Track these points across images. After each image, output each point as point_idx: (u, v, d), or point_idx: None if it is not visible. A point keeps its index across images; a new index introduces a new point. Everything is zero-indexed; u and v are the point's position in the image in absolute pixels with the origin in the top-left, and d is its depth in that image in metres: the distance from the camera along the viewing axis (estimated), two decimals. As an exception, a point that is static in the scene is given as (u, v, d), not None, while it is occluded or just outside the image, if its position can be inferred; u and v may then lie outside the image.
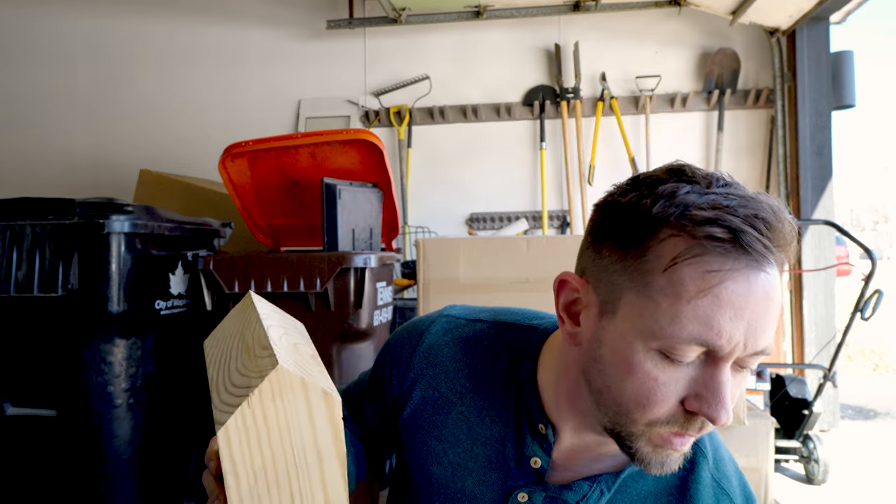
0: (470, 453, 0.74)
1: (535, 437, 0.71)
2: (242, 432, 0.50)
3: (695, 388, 0.56)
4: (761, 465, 1.99)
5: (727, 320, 0.53)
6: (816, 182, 3.57)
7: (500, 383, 0.74)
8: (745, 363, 0.57)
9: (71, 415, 1.91)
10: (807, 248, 3.55)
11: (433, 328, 0.81)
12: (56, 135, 4.32)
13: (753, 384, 2.71)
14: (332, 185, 2.21)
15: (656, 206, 0.56)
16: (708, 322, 0.53)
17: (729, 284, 0.53)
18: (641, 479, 0.69)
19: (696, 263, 0.53)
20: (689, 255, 0.54)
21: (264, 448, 0.51)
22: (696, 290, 0.53)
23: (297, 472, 0.53)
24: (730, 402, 0.55)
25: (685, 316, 0.53)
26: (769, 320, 0.55)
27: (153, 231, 2.02)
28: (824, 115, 3.59)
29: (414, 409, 0.78)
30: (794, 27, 3.56)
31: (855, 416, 4.02)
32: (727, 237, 0.53)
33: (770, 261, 0.54)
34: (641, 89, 3.81)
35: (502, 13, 3.81)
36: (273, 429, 0.51)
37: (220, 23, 4.19)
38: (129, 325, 1.95)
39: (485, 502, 0.72)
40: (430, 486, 0.76)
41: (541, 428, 0.70)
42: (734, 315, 0.53)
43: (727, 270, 0.53)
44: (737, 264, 0.53)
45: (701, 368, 0.56)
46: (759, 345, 0.55)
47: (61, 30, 4.33)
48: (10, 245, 1.89)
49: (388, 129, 4.01)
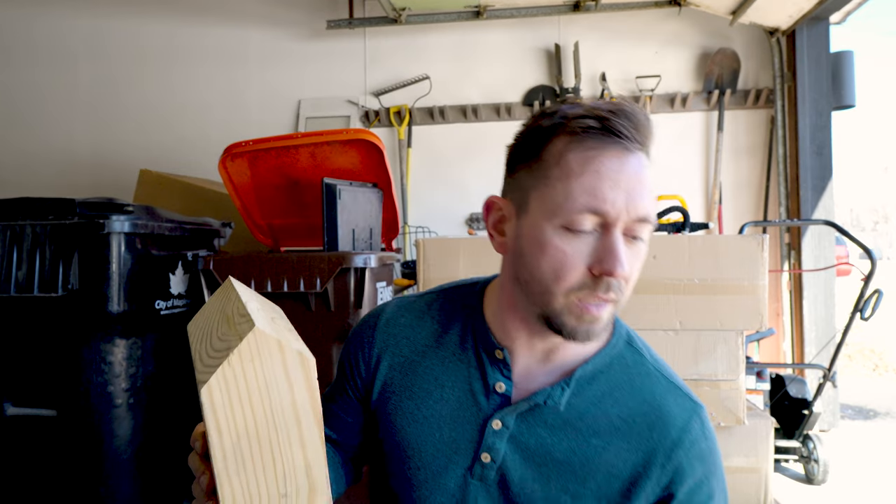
0: (441, 401, 0.81)
1: (494, 364, 0.80)
2: (224, 391, 0.52)
3: (595, 254, 0.69)
4: (761, 464, 1.99)
5: (608, 189, 0.68)
6: (816, 182, 3.57)
7: (455, 332, 0.84)
8: (633, 231, 0.70)
9: (71, 415, 1.91)
10: (807, 248, 3.55)
11: (387, 309, 0.90)
12: (56, 135, 4.32)
13: (753, 384, 2.71)
14: (332, 185, 2.21)
15: (544, 121, 0.73)
16: (593, 192, 0.68)
17: (605, 161, 0.69)
18: (595, 382, 0.79)
19: (578, 149, 0.70)
20: (572, 143, 0.70)
21: (245, 408, 0.53)
22: (580, 168, 0.69)
23: (276, 432, 0.55)
24: (624, 258, 0.68)
25: (575, 191, 0.68)
26: (644, 192, 0.69)
27: (153, 231, 2.02)
28: (824, 115, 3.59)
29: (384, 380, 0.85)
30: (793, 27, 3.56)
31: (855, 415, 4.02)
32: (598, 125, 0.69)
33: (635, 142, 0.69)
34: (641, 89, 3.81)
35: (502, 13, 3.81)
36: (253, 389, 0.53)
37: (220, 23, 4.19)
38: (129, 325, 1.95)
39: (463, 443, 0.79)
40: (410, 449, 0.81)
41: (497, 354, 0.80)
42: (613, 185, 0.68)
43: (602, 149, 0.69)
44: (609, 144, 0.69)
45: (598, 238, 0.69)
46: (639, 211, 0.69)
47: (61, 30, 4.33)
48: (10, 245, 1.89)
49: (388, 129, 4.01)
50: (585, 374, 0.78)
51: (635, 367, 0.80)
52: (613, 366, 0.80)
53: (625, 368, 0.80)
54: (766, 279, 1.91)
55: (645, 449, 0.76)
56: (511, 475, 0.77)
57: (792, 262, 3.64)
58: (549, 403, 0.77)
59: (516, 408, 0.78)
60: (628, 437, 0.76)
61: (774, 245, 3.72)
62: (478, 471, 0.78)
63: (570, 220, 0.69)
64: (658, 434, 0.76)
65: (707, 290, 1.92)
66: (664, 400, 0.78)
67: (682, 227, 2.41)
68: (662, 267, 1.92)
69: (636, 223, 0.69)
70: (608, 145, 0.69)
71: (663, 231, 2.50)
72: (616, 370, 0.79)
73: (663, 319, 1.92)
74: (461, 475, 0.79)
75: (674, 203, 3.55)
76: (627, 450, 0.76)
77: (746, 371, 2.02)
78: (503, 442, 0.77)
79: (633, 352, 0.82)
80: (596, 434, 0.76)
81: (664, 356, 1.92)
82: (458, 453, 0.79)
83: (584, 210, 0.68)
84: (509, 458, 0.77)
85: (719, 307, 1.92)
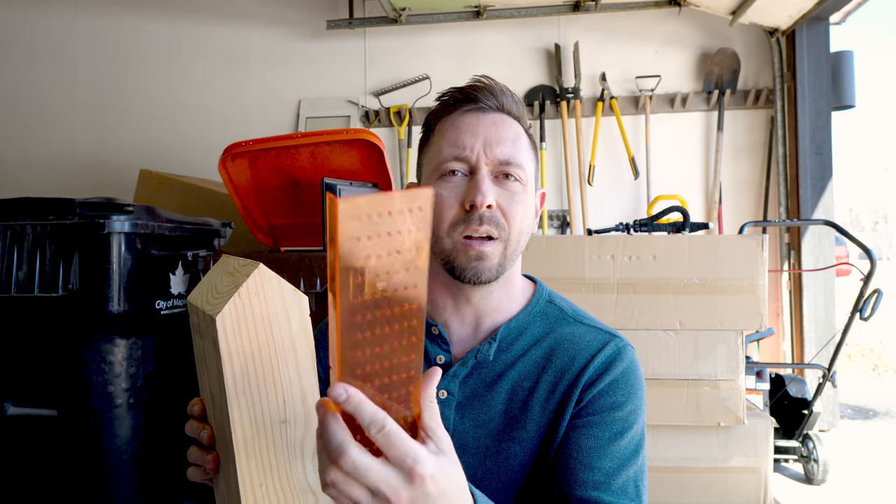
0: None
1: (433, 340, 0.87)
2: (234, 320, 0.59)
3: (464, 191, 0.81)
4: (761, 464, 1.99)
5: (467, 137, 0.82)
6: (816, 182, 3.57)
7: None
8: (500, 172, 0.82)
9: (71, 414, 1.91)
10: (806, 248, 3.56)
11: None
12: (56, 135, 4.32)
13: (753, 384, 2.71)
14: (332, 184, 2.22)
15: (431, 114, 0.90)
16: (454, 142, 0.83)
17: (464, 117, 0.84)
18: (521, 338, 0.86)
19: (447, 118, 0.86)
20: (443, 115, 0.87)
21: (252, 336, 0.60)
22: (447, 128, 0.85)
23: (278, 359, 0.61)
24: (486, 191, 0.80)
25: (444, 145, 0.84)
26: (501, 139, 0.82)
27: (153, 231, 2.02)
28: (824, 115, 3.59)
29: None
30: (793, 27, 3.56)
31: (854, 415, 4.02)
32: (459, 94, 0.86)
33: (489, 104, 0.84)
34: (641, 89, 3.81)
35: (502, 13, 3.81)
36: (258, 319, 0.60)
37: (220, 23, 4.19)
38: (129, 325, 1.95)
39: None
40: None
41: (434, 330, 0.87)
42: (471, 134, 0.83)
43: (461, 111, 0.85)
44: (467, 106, 0.85)
45: (468, 181, 0.82)
46: (496, 154, 0.81)
47: (62, 30, 4.33)
48: (10, 245, 1.89)
49: (388, 129, 4.01)
50: (511, 331, 0.87)
51: (556, 320, 0.88)
52: (535, 321, 0.88)
53: (546, 321, 0.88)
54: (765, 279, 1.91)
55: (568, 372, 0.83)
56: (465, 439, 0.83)
57: (792, 262, 3.65)
58: (479, 358, 0.84)
59: (455, 373, 0.84)
60: (552, 368, 0.83)
61: (774, 245, 3.73)
62: None
63: (442, 168, 0.82)
64: (579, 359, 0.83)
65: (707, 290, 1.92)
66: (584, 336, 0.86)
67: (682, 227, 2.42)
68: (662, 267, 1.92)
69: (500, 165, 0.82)
70: (467, 108, 0.85)
71: (663, 231, 2.50)
72: (538, 324, 0.88)
73: (663, 319, 1.92)
74: None
75: (674, 203, 3.56)
76: (553, 380, 0.83)
77: (746, 371, 2.03)
78: (451, 409, 0.83)
79: (554, 308, 0.90)
80: (527, 377, 0.84)
81: (664, 356, 1.93)
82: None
83: (450, 158, 0.82)
84: (459, 423, 0.83)
85: (719, 307, 1.92)
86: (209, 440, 0.65)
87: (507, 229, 0.81)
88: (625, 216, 3.74)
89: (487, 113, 0.84)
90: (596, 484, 0.76)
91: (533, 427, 0.81)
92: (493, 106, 0.84)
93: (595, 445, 0.78)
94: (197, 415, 0.67)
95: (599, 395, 0.81)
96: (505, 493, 0.82)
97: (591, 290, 1.94)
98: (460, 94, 0.85)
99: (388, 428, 0.48)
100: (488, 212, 0.80)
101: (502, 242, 0.81)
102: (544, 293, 0.91)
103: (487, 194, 0.79)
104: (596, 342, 0.84)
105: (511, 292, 0.88)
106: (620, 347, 0.84)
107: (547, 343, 0.85)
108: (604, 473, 0.77)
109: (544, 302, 0.90)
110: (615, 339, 0.85)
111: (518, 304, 0.89)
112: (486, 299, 0.86)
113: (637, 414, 0.82)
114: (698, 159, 3.83)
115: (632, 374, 0.83)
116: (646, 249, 1.93)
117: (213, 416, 0.65)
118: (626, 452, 0.79)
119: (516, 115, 0.86)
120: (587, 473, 0.77)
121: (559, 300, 0.92)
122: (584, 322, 0.88)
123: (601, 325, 0.89)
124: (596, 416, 0.80)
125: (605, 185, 3.79)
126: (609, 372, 0.82)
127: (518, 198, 0.82)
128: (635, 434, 0.81)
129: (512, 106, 0.86)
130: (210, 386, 0.64)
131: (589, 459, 0.78)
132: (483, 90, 0.85)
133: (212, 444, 0.65)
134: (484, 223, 0.79)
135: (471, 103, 0.84)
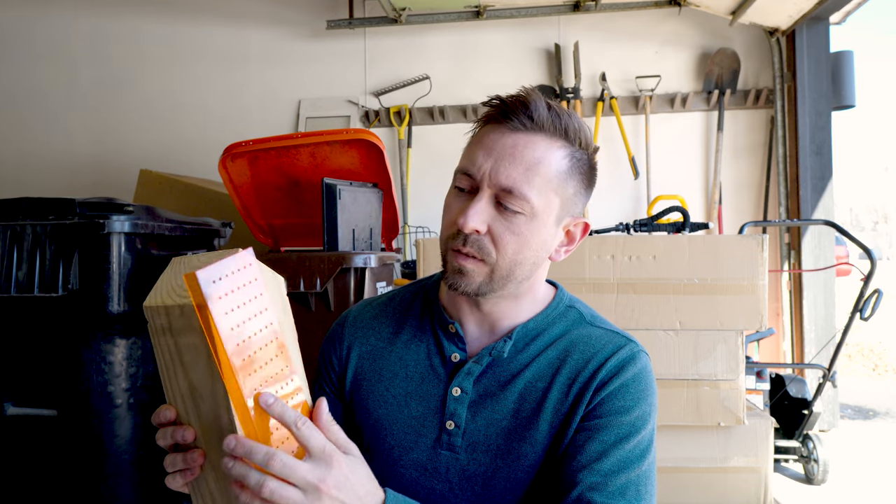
0: (407, 380, 0.88)
1: (449, 338, 0.87)
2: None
3: (458, 211, 0.79)
4: (761, 464, 1.99)
5: (480, 155, 0.79)
6: (816, 182, 3.57)
7: (415, 316, 0.92)
8: (501, 199, 0.78)
9: (71, 414, 1.91)
10: (807, 248, 3.56)
11: (353, 309, 0.99)
12: (56, 135, 4.32)
13: (753, 384, 2.71)
14: (332, 185, 2.22)
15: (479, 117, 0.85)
16: (469, 156, 0.81)
17: (488, 133, 0.80)
18: (537, 339, 0.86)
19: (482, 126, 0.83)
20: (480, 123, 0.84)
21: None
22: (473, 139, 0.83)
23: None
24: (471, 214, 0.77)
25: (463, 156, 0.82)
26: (513, 164, 0.77)
27: (153, 231, 2.02)
28: (824, 115, 3.59)
29: (355, 369, 0.91)
30: (793, 27, 3.56)
31: (854, 415, 4.02)
32: (494, 107, 0.81)
33: (520, 123, 0.78)
34: (641, 89, 3.81)
35: (502, 13, 3.81)
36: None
37: (220, 23, 4.19)
38: (129, 325, 1.95)
39: (429, 416, 0.85)
40: (382, 430, 0.87)
41: (451, 328, 0.87)
42: (486, 153, 0.79)
43: (490, 126, 0.81)
44: (496, 123, 0.80)
45: (469, 199, 0.79)
46: (500, 179, 0.77)
47: (62, 30, 4.33)
48: (10, 245, 1.89)
49: (388, 129, 4.01)
50: (528, 332, 0.86)
51: (574, 323, 0.88)
52: (554, 323, 0.87)
53: (564, 323, 0.87)
54: (765, 279, 1.91)
55: (581, 374, 0.82)
56: (476, 437, 0.83)
57: (792, 262, 3.65)
58: (493, 355, 0.84)
59: (470, 371, 0.84)
60: (566, 369, 0.83)
61: (774, 245, 3.73)
62: (445, 440, 0.83)
63: (455, 179, 0.82)
64: (593, 362, 0.83)
65: (707, 290, 1.92)
66: (599, 339, 0.85)
67: (682, 227, 2.42)
68: (662, 267, 1.92)
69: (501, 192, 0.78)
70: (497, 124, 0.80)
71: (663, 231, 2.50)
72: (556, 326, 0.87)
73: (663, 319, 1.92)
74: (430, 447, 0.84)
75: (674, 203, 3.55)
76: (567, 382, 0.82)
77: (746, 371, 2.02)
78: (464, 407, 0.83)
79: (573, 311, 0.90)
80: (541, 378, 0.83)
81: (664, 356, 1.93)
82: (426, 426, 0.85)
83: (461, 171, 0.81)
84: (471, 421, 0.83)
85: (719, 307, 1.92)
86: (193, 437, 0.65)
87: (495, 256, 0.79)
88: (625, 216, 3.74)
89: (514, 133, 0.78)
90: (593, 485, 0.76)
91: (545, 428, 0.81)
92: (526, 125, 0.78)
93: (598, 448, 0.78)
94: (170, 420, 0.67)
95: (608, 397, 0.80)
96: (514, 492, 0.82)
97: (591, 290, 1.94)
98: (495, 107, 0.81)
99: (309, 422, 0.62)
100: (474, 235, 0.78)
101: (488, 266, 0.79)
102: (565, 298, 0.91)
103: (471, 219, 0.77)
104: (611, 345, 0.84)
105: (525, 302, 0.87)
106: (634, 352, 0.83)
107: (562, 344, 0.85)
108: (602, 475, 0.77)
109: (564, 306, 0.89)
110: (630, 343, 0.85)
111: (537, 308, 0.88)
112: (495, 307, 0.85)
113: (645, 420, 0.81)
114: (698, 159, 3.83)
115: (643, 380, 0.82)
116: (646, 249, 1.93)
117: (197, 412, 0.65)
118: (630, 456, 0.78)
119: (559, 134, 0.79)
120: (586, 474, 0.77)
121: (579, 304, 0.91)
122: (600, 326, 0.88)
123: (618, 330, 0.88)
124: (603, 419, 0.80)
125: (606, 185, 3.78)
126: (619, 375, 0.81)
127: (516, 229, 0.78)
128: (642, 439, 0.80)
129: (552, 124, 0.79)
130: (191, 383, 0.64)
131: (590, 461, 0.77)
132: (521, 106, 0.78)
133: (195, 441, 0.66)
134: (467, 245, 0.79)
135: (502, 118, 0.79)
